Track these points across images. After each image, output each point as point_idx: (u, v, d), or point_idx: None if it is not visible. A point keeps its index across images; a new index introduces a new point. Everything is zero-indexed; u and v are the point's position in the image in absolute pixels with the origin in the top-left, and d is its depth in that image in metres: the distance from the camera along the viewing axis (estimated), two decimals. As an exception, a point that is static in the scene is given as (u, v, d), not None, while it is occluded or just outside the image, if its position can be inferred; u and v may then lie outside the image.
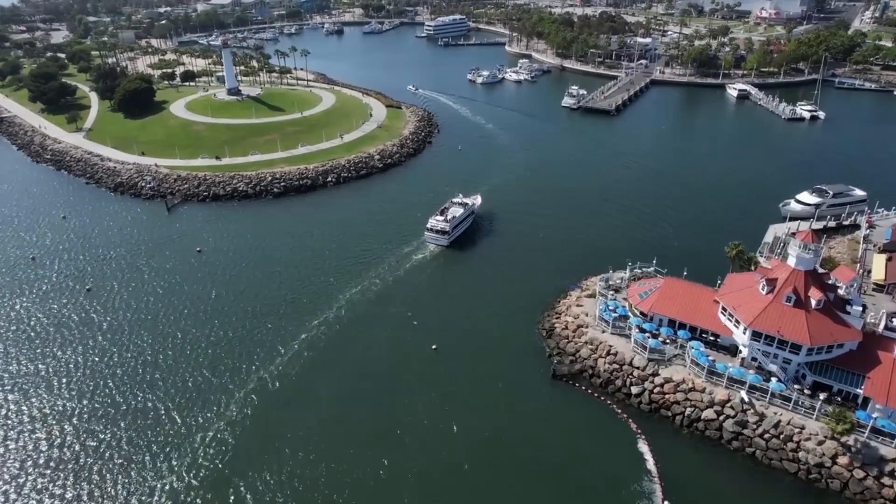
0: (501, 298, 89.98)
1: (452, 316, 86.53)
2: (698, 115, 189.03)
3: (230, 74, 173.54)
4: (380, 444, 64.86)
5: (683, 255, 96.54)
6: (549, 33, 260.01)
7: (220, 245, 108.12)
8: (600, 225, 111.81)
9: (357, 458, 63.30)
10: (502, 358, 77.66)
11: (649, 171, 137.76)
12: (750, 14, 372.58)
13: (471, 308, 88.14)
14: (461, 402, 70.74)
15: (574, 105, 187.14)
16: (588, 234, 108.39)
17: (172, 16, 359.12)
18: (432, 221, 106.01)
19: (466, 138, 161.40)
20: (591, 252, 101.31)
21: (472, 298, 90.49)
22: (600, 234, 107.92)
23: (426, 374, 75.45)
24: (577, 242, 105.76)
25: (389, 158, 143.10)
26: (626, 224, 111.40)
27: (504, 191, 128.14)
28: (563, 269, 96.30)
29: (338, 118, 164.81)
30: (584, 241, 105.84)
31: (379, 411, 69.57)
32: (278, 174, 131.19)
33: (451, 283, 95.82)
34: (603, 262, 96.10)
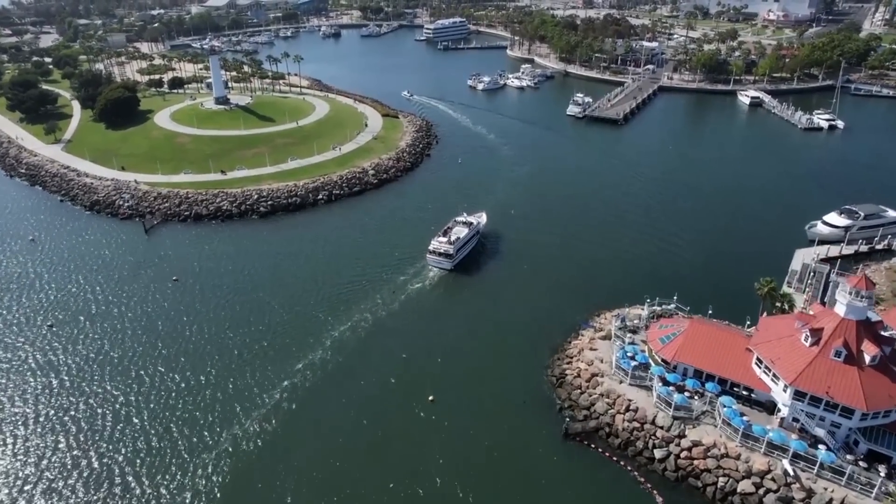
0: (507, 336, 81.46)
1: (453, 358, 77.86)
2: (710, 124, 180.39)
3: (218, 82, 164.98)
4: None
5: (706, 287, 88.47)
6: (553, 37, 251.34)
7: (200, 272, 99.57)
8: (612, 248, 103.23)
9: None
10: (508, 411, 69.01)
11: (661, 185, 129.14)
12: (757, 16, 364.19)
13: (473, 348, 79.52)
14: (461, 464, 62.18)
15: (580, 114, 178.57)
16: (599, 259, 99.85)
17: (165, 19, 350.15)
18: (435, 243, 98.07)
19: (467, 150, 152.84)
20: (604, 281, 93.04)
21: (474, 337, 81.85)
22: (612, 260, 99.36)
23: (422, 431, 66.86)
24: (588, 268, 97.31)
25: (385, 173, 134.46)
26: (640, 247, 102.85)
27: (509, 207, 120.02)
28: (574, 300, 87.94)
29: (331, 129, 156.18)
30: (596, 268, 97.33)
31: (368, 476, 60.97)
32: (265, 191, 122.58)
33: (453, 317, 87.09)
34: (617, 293, 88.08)
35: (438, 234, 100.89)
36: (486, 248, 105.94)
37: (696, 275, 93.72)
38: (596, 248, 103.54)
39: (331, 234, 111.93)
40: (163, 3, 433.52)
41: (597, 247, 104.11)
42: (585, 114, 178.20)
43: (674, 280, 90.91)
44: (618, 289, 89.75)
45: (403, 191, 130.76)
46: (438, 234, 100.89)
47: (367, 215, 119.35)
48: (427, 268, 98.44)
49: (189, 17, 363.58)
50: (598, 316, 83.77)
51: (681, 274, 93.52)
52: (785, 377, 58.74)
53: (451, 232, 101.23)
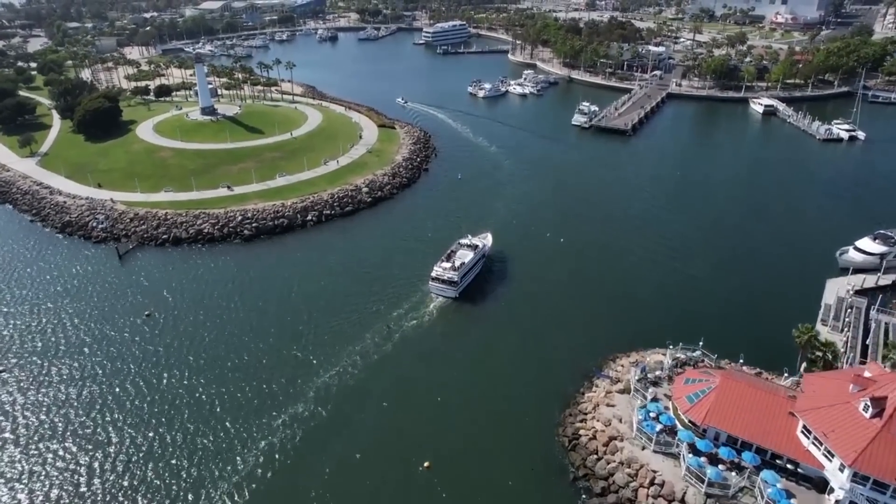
0: (513, 384, 72.75)
1: (453, 412, 68.98)
2: (723, 135, 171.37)
3: (204, 92, 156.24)
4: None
5: (731, 326, 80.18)
6: (556, 42, 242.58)
7: (175, 305, 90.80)
8: (626, 277, 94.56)
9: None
10: (514, 481, 60.16)
11: (675, 206, 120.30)
12: (763, 19, 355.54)
13: (477, 399, 70.62)
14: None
15: (586, 123, 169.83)
16: (612, 290, 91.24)
17: (157, 22, 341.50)
18: (438, 269, 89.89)
19: (468, 163, 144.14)
20: (618, 317, 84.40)
21: (478, 384, 72.97)
22: (627, 291, 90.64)
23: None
24: (600, 300, 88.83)
25: (380, 190, 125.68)
26: (656, 276, 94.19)
27: (514, 228, 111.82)
28: (586, 339, 79.56)
29: (323, 141, 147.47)
30: (608, 300, 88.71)
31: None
32: (250, 212, 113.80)
33: (455, 359, 78.14)
34: (633, 332, 79.75)
35: (441, 258, 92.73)
36: (493, 273, 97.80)
37: (718, 310, 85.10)
38: (608, 277, 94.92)
39: (320, 259, 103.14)
40: (157, 5, 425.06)
41: (609, 275, 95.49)
42: (592, 124, 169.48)
43: (696, 317, 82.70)
44: (634, 327, 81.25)
45: (400, 210, 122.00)
46: (441, 258, 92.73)
47: (360, 238, 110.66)
48: (429, 296, 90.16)
49: (182, 20, 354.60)
50: (613, 361, 74.98)
51: (703, 309, 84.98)
52: (842, 456, 49.99)
53: (454, 256, 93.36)
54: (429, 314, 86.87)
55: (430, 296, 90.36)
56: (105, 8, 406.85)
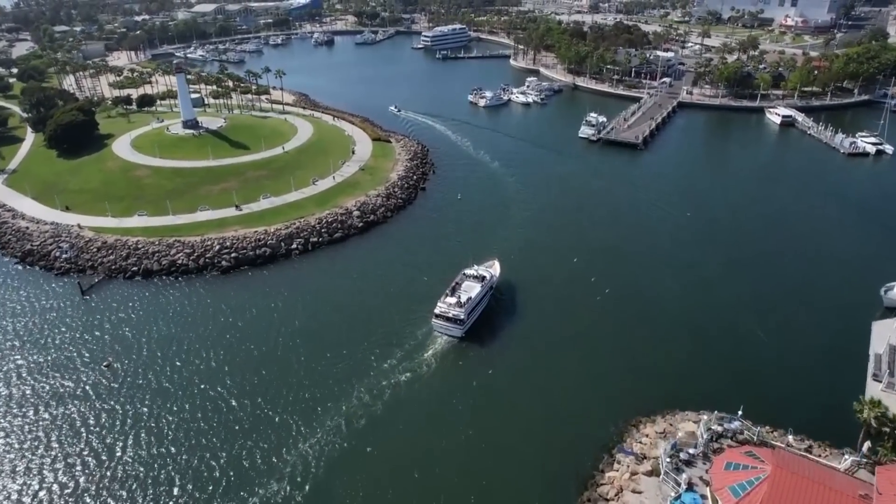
0: (524, 455, 62.36)
1: (449, 490, 58.81)
2: (739, 149, 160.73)
3: (186, 104, 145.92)
4: None
5: (771, 384, 70.70)
6: (560, 47, 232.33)
7: (141, 351, 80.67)
8: (644, 317, 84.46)
9: None
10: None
11: (694, 230, 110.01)
12: (772, 22, 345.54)
13: (481, 476, 60.23)
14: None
15: (593, 136, 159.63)
16: (632, 335, 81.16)
17: (147, 25, 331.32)
18: (442, 306, 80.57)
19: (468, 181, 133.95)
20: (640, 369, 74.24)
21: (484, 458, 62.49)
22: (648, 336, 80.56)
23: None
24: (620, 347, 78.81)
25: (372, 213, 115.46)
26: (678, 319, 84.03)
27: (522, 254, 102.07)
28: (605, 396, 70.16)
29: (313, 157, 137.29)
30: (629, 347, 78.72)
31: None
32: (229, 240, 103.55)
33: (458, 420, 67.79)
34: (659, 390, 69.76)
35: (446, 291, 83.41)
36: (501, 306, 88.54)
37: (752, 361, 75.00)
38: (625, 318, 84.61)
39: (306, 294, 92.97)
40: (149, 8, 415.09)
41: (626, 316, 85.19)
42: (600, 136, 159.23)
43: (729, 371, 73.12)
44: (660, 383, 71.26)
45: (395, 235, 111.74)
46: (446, 291, 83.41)
47: (351, 268, 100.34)
48: (431, 335, 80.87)
49: (173, 24, 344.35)
50: (637, 428, 64.74)
51: (735, 360, 74.90)
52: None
53: (460, 289, 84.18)
54: (429, 360, 76.82)
55: (432, 335, 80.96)
56: (95, 11, 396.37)
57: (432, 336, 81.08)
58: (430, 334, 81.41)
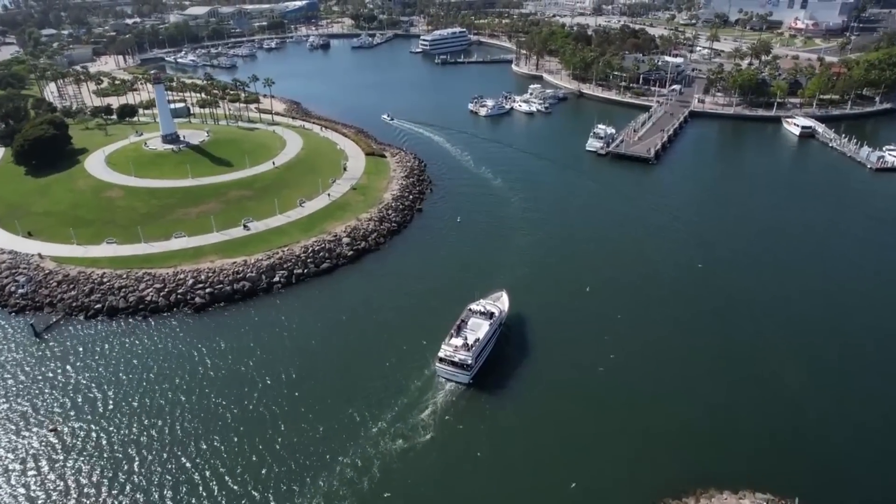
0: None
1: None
2: (757, 163, 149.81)
3: (165, 117, 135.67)
4: None
5: (828, 455, 60.63)
6: (565, 52, 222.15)
7: (97, 409, 71.03)
8: (669, 360, 74.52)
9: None
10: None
11: (720, 259, 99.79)
12: (781, 25, 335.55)
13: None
14: None
15: (602, 149, 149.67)
16: (653, 380, 71.40)
17: (137, 29, 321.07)
18: (447, 349, 71.89)
19: (468, 200, 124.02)
20: (665, 427, 64.52)
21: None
22: (673, 383, 70.62)
23: None
24: (639, 396, 69.18)
25: (364, 240, 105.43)
26: (709, 363, 74.24)
27: (530, 285, 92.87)
28: (626, 464, 60.38)
29: (301, 175, 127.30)
30: (649, 395, 68.85)
31: None
32: (204, 273, 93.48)
33: (461, 491, 58.30)
34: (687, 453, 61.35)
35: (450, 331, 74.89)
36: (511, 345, 79.60)
37: (800, 424, 64.94)
38: (649, 366, 74.66)
39: (288, 337, 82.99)
40: (141, 11, 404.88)
41: (649, 363, 75.26)
42: (609, 150, 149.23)
43: (780, 439, 62.82)
44: (691, 452, 61.63)
45: (389, 264, 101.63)
46: (450, 331, 74.89)
47: (340, 304, 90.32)
48: (434, 383, 72.25)
49: (164, 27, 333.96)
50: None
51: (789, 427, 64.62)
52: None
53: (466, 328, 75.83)
54: (429, 420, 67.28)
55: (434, 382, 72.20)
56: (84, 14, 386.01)
57: (435, 383, 72.24)
58: (433, 381, 72.61)
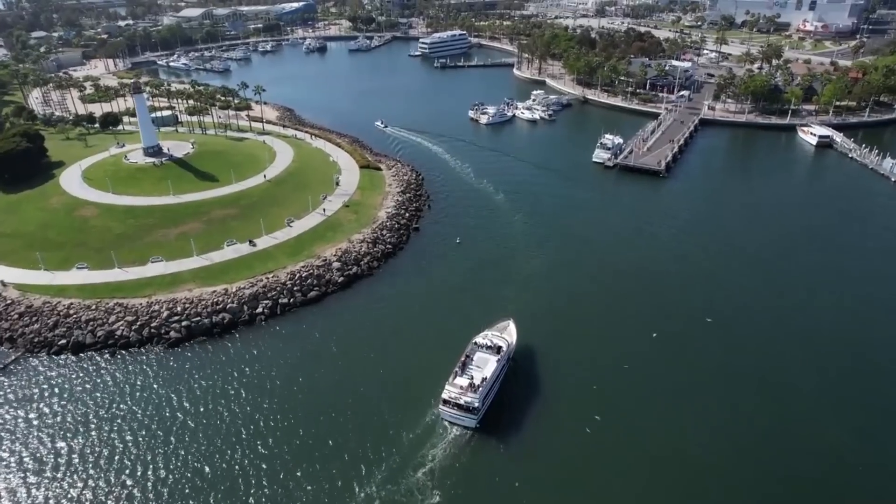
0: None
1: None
2: (774, 175, 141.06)
3: (146, 129, 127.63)
4: None
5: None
6: (569, 57, 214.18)
7: (58, 463, 63.26)
8: (697, 402, 66.62)
9: None
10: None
11: (744, 288, 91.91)
12: (789, 27, 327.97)
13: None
14: None
15: (609, 161, 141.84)
16: (680, 426, 63.50)
17: (129, 31, 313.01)
18: (451, 390, 65.16)
19: (468, 218, 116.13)
20: (698, 487, 56.52)
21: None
22: (702, 433, 62.67)
23: None
24: (666, 443, 61.36)
25: (355, 265, 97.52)
26: (744, 411, 66.20)
27: (538, 312, 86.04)
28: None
29: (290, 191, 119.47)
30: (676, 444, 60.80)
31: None
32: (181, 304, 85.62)
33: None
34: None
35: (454, 369, 67.98)
36: (520, 382, 72.29)
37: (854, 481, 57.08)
38: (679, 408, 66.92)
39: (271, 376, 75.11)
40: (134, 13, 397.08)
41: (679, 404, 67.56)
42: (617, 162, 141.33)
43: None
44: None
45: (383, 292, 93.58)
46: (454, 369, 67.98)
47: (329, 338, 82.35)
48: (437, 427, 65.17)
49: (156, 29, 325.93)
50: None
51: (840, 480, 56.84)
52: None
53: (471, 365, 69.06)
54: (432, 473, 59.77)
55: (437, 427, 65.12)
56: (76, 16, 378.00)
57: (437, 428, 65.06)
58: (435, 426, 65.38)
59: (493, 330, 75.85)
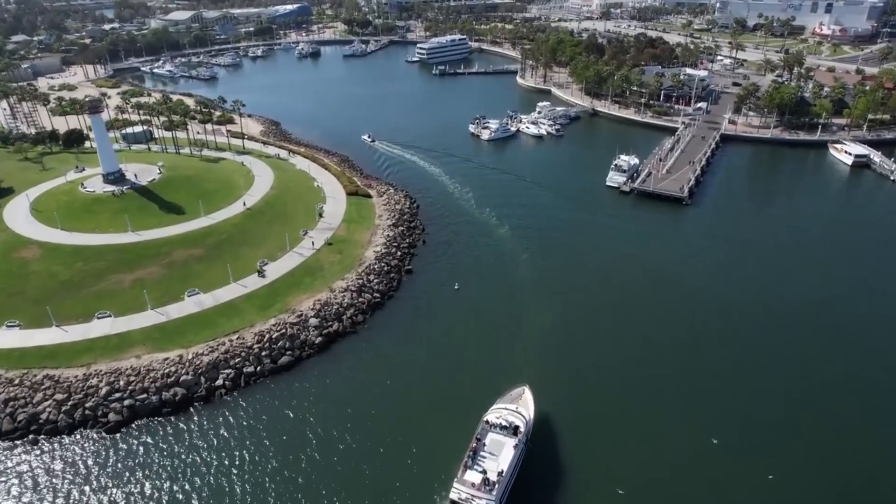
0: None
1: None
2: (808, 202, 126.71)
3: (106, 154, 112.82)
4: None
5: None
6: (576, 65, 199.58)
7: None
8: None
9: None
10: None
11: (791, 346, 77.69)
12: (804, 30, 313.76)
13: None
14: None
15: (626, 185, 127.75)
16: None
17: (111, 36, 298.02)
18: (461, 489, 53.48)
19: (469, 256, 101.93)
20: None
21: None
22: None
23: None
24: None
25: (336, 320, 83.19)
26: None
27: (555, 375, 73.21)
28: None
29: (266, 225, 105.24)
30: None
31: None
32: (125, 377, 71.34)
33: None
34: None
35: (464, 458, 55.74)
36: (539, 464, 59.83)
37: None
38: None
39: (231, 469, 61.13)
40: (121, 15, 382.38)
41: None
42: (634, 186, 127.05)
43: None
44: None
45: (368, 355, 79.03)
46: (464, 458, 55.74)
47: (304, 417, 68.34)
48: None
49: (140, 34, 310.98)
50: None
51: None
52: None
53: (483, 452, 56.84)
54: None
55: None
56: (62, 18, 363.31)
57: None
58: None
59: (505, 402, 63.55)
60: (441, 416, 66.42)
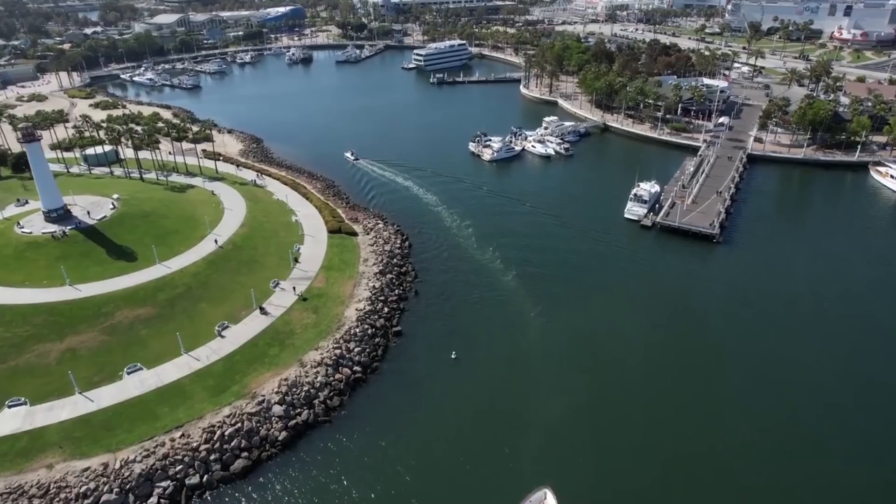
0: None
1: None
2: (856, 238, 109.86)
3: (46, 188, 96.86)
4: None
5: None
6: (586, 75, 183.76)
7: None
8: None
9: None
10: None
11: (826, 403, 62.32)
12: (822, 34, 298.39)
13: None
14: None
15: (646, 218, 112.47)
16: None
17: (90, 40, 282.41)
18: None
19: (468, 313, 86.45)
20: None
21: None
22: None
23: None
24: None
25: (306, 407, 67.74)
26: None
27: (579, 473, 58.24)
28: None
29: (230, 274, 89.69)
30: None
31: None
32: (28, 495, 55.77)
33: None
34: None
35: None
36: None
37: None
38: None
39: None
40: (106, 18, 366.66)
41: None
42: (657, 220, 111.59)
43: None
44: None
45: (347, 454, 63.53)
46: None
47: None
48: None
49: (120, 38, 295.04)
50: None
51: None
52: None
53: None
54: None
55: None
56: (43, 22, 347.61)
57: None
58: None
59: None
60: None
